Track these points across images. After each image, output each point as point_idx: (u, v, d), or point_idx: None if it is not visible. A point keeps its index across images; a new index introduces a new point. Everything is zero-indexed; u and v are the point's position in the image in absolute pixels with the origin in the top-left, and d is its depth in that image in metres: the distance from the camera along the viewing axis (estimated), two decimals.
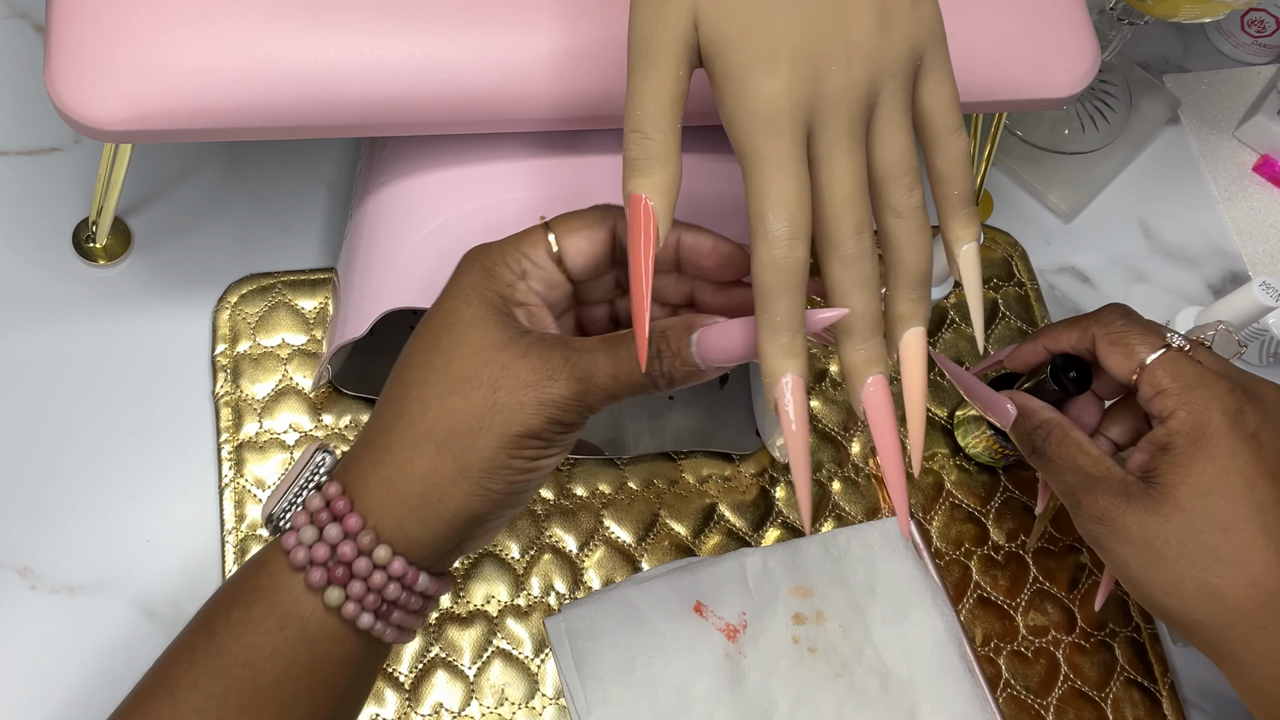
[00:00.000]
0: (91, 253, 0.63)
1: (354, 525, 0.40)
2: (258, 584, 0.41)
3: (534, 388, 0.40)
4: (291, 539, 0.41)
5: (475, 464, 0.40)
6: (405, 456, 0.41)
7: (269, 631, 0.40)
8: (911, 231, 0.41)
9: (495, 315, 0.42)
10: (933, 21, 0.41)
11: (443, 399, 0.41)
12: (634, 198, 0.39)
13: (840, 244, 0.39)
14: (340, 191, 0.68)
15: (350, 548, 0.40)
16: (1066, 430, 0.53)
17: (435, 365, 0.41)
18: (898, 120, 0.40)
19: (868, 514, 0.64)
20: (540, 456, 0.42)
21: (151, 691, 0.40)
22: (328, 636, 0.41)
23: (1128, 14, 0.68)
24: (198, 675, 0.40)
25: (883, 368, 0.40)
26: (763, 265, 0.38)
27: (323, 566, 0.40)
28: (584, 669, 0.56)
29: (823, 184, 0.39)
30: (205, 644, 0.40)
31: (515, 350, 0.41)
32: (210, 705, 0.39)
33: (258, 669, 0.40)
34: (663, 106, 0.39)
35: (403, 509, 0.41)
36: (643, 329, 0.39)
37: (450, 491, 0.41)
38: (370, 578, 0.40)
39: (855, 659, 0.58)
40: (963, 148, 0.42)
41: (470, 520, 0.42)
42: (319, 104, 0.49)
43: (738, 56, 0.38)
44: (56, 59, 0.48)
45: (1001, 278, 0.71)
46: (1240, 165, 0.78)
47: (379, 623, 0.41)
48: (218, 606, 0.42)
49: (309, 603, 0.40)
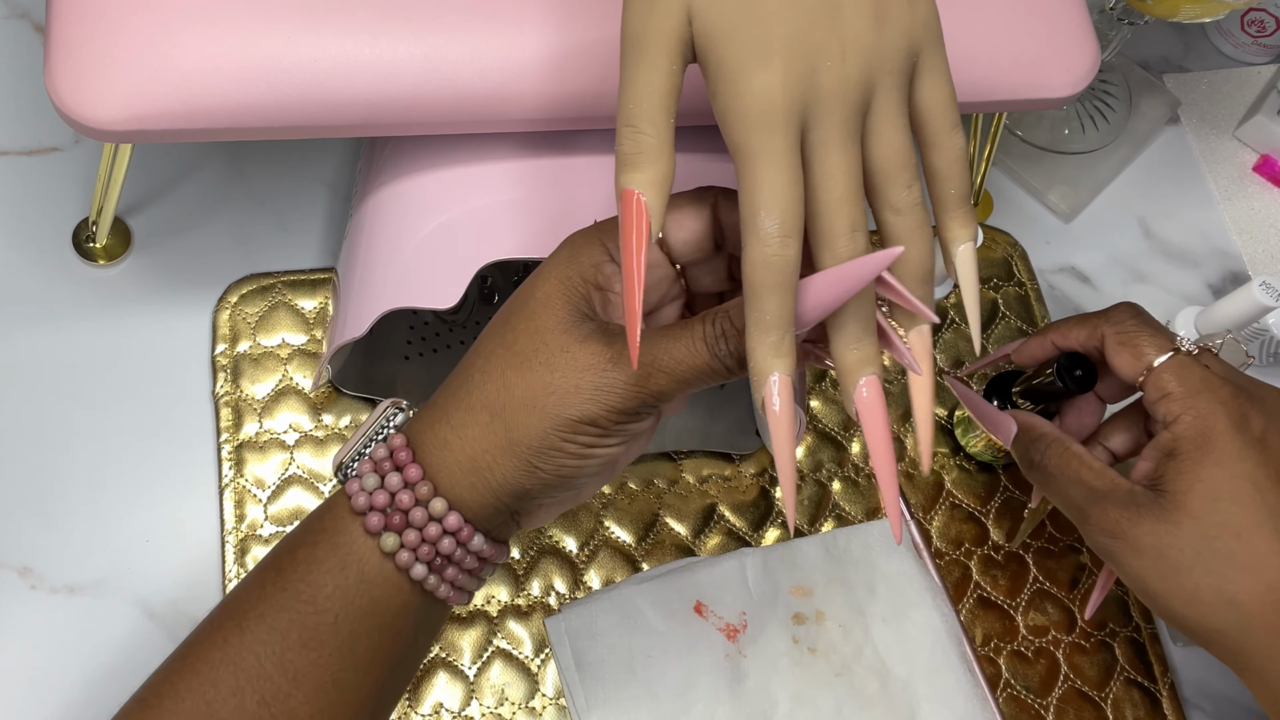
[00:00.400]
0: (91, 253, 0.63)
1: (414, 475, 0.41)
2: (322, 526, 0.42)
3: (591, 371, 0.40)
4: (355, 485, 0.42)
5: (525, 441, 0.41)
6: (462, 420, 0.42)
7: (331, 570, 0.41)
8: (912, 229, 0.41)
9: (567, 296, 0.42)
10: (929, 19, 0.41)
11: (503, 373, 0.42)
12: (626, 193, 0.38)
13: (834, 242, 0.39)
14: (340, 191, 0.68)
15: (408, 496, 0.41)
16: (1066, 444, 0.52)
17: (504, 339, 0.42)
18: (894, 117, 0.40)
19: (868, 514, 0.64)
20: (595, 445, 0.42)
21: (220, 623, 0.42)
22: (386, 582, 0.42)
23: (1128, 14, 0.68)
24: (264, 609, 0.41)
25: (876, 368, 0.40)
26: (753, 263, 0.38)
27: (381, 512, 0.41)
28: (584, 669, 0.56)
29: (817, 181, 0.39)
30: (273, 580, 0.42)
31: (578, 334, 0.41)
32: (274, 637, 0.41)
33: (319, 605, 0.41)
34: (655, 101, 0.38)
35: (455, 470, 0.42)
36: (635, 327, 0.38)
37: (499, 462, 0.41)
38: (425, 528, 0.41)
39: (855, 659, 0.58)
40: (960, 146, 0.42)
41: (517, 494, 0.42)
42: (319, 104, 0.49)
43: (731, 51, 0.38)
44: (56, 59, 0.48)
45: (1001, 278, 0.71)
46: (1240, 165, 0.78)
47: (432, 576, 0.42)
48: (285, 547, 0.43)
49: (367, 546, 0.41)
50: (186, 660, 0.41)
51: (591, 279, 0.42)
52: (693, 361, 0.40)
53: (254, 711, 0.40)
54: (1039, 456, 0.53)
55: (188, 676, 0.41)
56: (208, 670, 0.41)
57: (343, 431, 0.62)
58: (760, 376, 0.38)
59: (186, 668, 0.41)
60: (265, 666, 0.40)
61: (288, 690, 0.40)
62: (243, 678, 0.40)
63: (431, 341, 0.64)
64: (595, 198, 0.54)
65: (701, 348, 0.40)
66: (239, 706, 0.40)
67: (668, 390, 0.41)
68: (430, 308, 0.53)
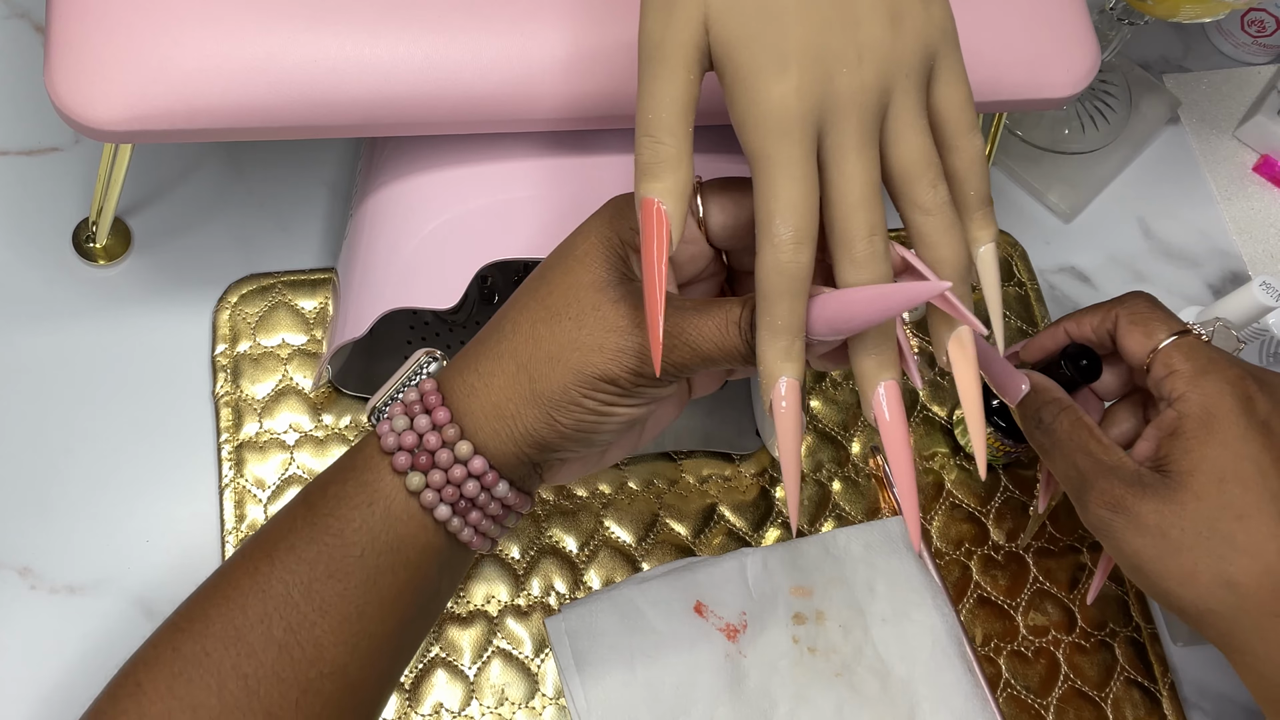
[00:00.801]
0: (91, 253, 0.63)
1: (441, 418, 0.42)
2: (353, 464, 0.44)
3: (617, 333, 0.41)
4: (385, 426, 0.43)
5: (546, 393, 0.42)
6: (489, 368, 0.43)
7: (358, 506, 0.42)
8: (944, 228, 0.41)
9: (606, 255, 0.42)
10: (944, 21, 0.41)
11: (533, 325, 0.42)
12: (646, 201, 0.39)
13: (852, 245, 0.39)
14: (340, 191, 0.68)
15: (435, 438, 0.42)
16: (1079, 413, 0.52)
17: (537, 292, 0.43)
18: (913, 120, 0.40)
19: (868, 514, 0.64)
20: (614, 404, 0.42)
21: (251, 553, 0.43)
22: (410, 520, 0.43)
23: (1128, 14, 0.68)
24: (294, 540, 0.42)
25: (895, 373, 0.40)
26: (766, 268, 0.38)
27: (408, 452, 0.42)
28: (584, 669, 0.56)
29: (835, 186, 0.39)
30: (303, 514, 0.43)
31: (611, 294, 0.42)
32: (302, 567, 0.42)
33: (346, 539, 0.42)
34: (674, 110, 0.39)
35: (480, 416, 0.43)
36: (657, 332, 0.39)
37: (521, 411, 0.42)
38: (450, 470, 0.42)
39: (855, 659, 0.58)
40: (978, 148, 0.42)
41: (538, 444, 0.43)
42: (319, 104, 0.49)
43: (748, 60, 0.39)
44: (56, 59, 0.48)
45: (1002, 277, 0.71)
46: (1240, 165, 0.78)
47: (456, 518, 0.43)
48: (316, 485, 0.44)
49: (394, 484, 0.43)
50: (218, 588, 0.43)
51: (631, 241, 0.43)
52: (721, 341, 0.41)
53: (280, 638, 0.41)
54: (1050, 419, 0.52)
55: (219, 603, 0.42)
56: (238, 597, 0.42)
57: (343, 432, 0.62)
58: (769, 380, 0.39)
59: (217, 594, 0.42)
60: (293, 595, 0.42)
61: (314, 619, 0.42)
62: (271, 605, 0.42)
63: (431, 341, 0.64)
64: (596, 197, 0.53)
65: (734, 330, 0.41)
66: (266, 632, 0.41)
67: (688, 363, 0.41)
68: (430, 308, 0.53)
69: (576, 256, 0.43)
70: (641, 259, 0.39)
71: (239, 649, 0.41)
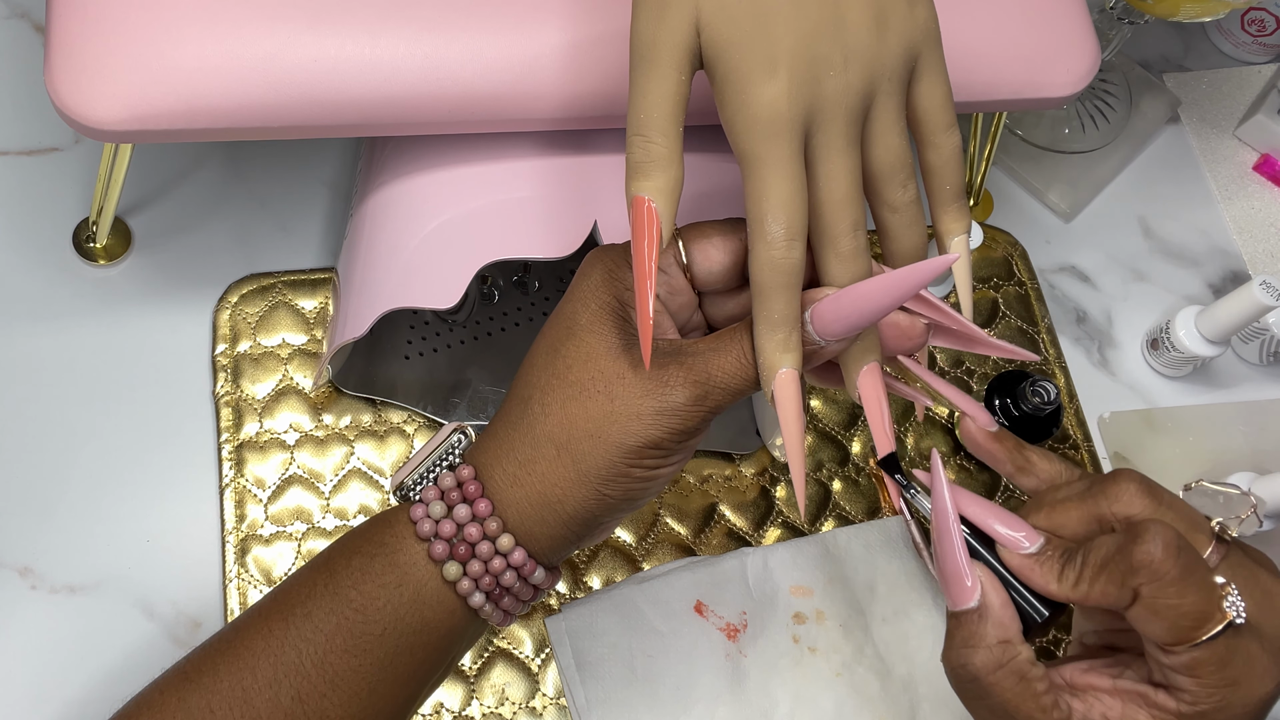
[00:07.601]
0: (91, 253, 0.63)
1: (484, 510, 0.42)
2: (382, 539, 0.42)
3: (651, 396, 0.41)
4: (420, 510, 0.42)
5: (593, 471, 0.41)
6: (529, 455, 0.42)
7: (386, 586, 0.42)
8: (907, 225, 0.43)
9: (613, 320, 0.42)
10: (928, 23, 0.42)
11: (563, 405, 0.41)
12: (637, 200, 0.39)
13: (837, 241, 0.41)
14: (340, 191, 0.68)
15: (476, 530, 0.41)
16: (1027, 671, 0.41)
17: (556, 369, 0.42)
18: (893, 122, 0.42)
19: (868, 514, 0.64)
20: (659, 465, 0.42)
21: (268, 613, 0.42)
22: (439, 605, 0.42)
23: (1128, 13, 0.68)
24: (312, 608, 0.41)
25: (876, 355, 0.42)
26: (761, 265, 0.39)
27: (446, 542, 0.42)
28: (584, 669, 0.56)
29: (820, 184, 0.40)
30: (325, 581, 0.42)
31: (630, 359, 0.41)
32: (319, 637, 0.41)
33: (369, 616, 0.41)
34: (665, 110, 0.40)
35: (525, 505, 0.42)
36: (646, 329, 0.39)
37: (570, 494, 0.41)
38: (490, 561, 0.42)
39: (856, 658, 0.58)
40: (955, 144, 0.43)
41: (587, 522, 0.42)
42: (319, 104, 0.49)
43: (738, 62, 0.39)
44: (56, 59, 0.48)
45: (1001, 277, 0.71)
46: (1240, 164, 0.78)
47: (489, 604, 0.43)
48: (341, 551, 0.43)
49: (428, 571, 0.42)
50: (230, 643, 0.42)
51: (629, 300, 0.43)
52: (744, 374, 0.41)
53: (287, 706, 0.41)
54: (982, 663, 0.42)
55: (229, 659, 0.41)
56: (249, 657, 0.41)
57: (343, 431, 0.62)
58: (770, 372, 0.40)
59: (229, 650, 0.42)
60: (305, 664, 0.41)
61: (324, 690, 0.41)
62: (281, 671, 0.41)
63: (431, 341, 0.64)
64: (595, 197, 0.54)
65: (749, 360, 0.41)
66: (273, 698, 0.41)
67: (724, 404, 0.41)
68: (430, 308, 0.53)
69: (583, 326, 0.42)
70: (632, 257, 0.39)
71: (244, 712, 0.40)
